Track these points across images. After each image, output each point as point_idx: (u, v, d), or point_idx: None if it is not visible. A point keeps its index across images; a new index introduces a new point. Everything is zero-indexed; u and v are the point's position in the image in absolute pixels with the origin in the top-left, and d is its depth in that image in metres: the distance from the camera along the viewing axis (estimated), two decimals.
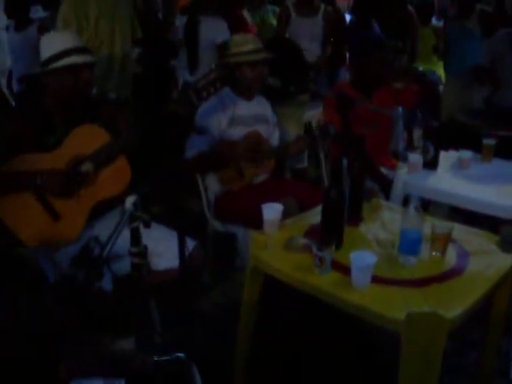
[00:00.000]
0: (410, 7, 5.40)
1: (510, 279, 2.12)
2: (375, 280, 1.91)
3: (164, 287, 2.26)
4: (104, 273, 1.80)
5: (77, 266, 1.74)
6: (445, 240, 2.09)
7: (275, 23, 5.13)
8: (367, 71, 3.42)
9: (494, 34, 4.41)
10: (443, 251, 2.10)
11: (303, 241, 2.16)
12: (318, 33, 4.73)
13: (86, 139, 2.39)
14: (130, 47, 3.96)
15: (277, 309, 2.83)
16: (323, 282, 1.97)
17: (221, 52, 3.97)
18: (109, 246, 1.80)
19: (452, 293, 1.90)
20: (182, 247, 1.97)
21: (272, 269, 2.13)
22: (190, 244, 2.38)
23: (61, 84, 2.39)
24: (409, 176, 3.05)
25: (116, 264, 1.95)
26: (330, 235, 2.11)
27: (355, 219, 2.36)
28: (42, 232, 2.34)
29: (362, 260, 1.90)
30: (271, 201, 2.34)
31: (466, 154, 3.15)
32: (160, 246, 2.30)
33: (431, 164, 3.11)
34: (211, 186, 3.14)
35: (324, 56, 4.77)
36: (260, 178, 3.18)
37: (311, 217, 2.43)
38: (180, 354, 1.69)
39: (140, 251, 1.88)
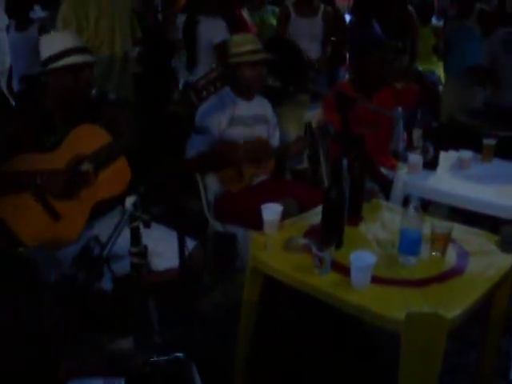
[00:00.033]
0: (410, 7, 5.40)
1: (510, 279, 2.12)
2: (375, 280, 1.91)
3: (164, 287, 2.26)
4: (104, 273, 1.81)
5: (77, 266, 1.74)
6: (444, 240, 2.09)
7: (275, 23, 5.12)
8: (367, 71, 3.42)
9: (494, 34, 4.41)
10: (443, 251, 2.10)
11: (303, 241, 2.16)
12: (318, 33, 4.72)
13: (86, 139, 2.39)
14: (130, 47, 3.96)
15: (277, 309, 2.83)
16: (323, 283, 1.96)
17: (219, 52, 3.96)
18: (109, 246, 1.80)
19: (452, 293, 1.90)
20: (182, 247, 1.98)
21: (272, 269, 2.13)
22: (190, 244, 2.38)
23: (61, 84, 2.39)
24: (409, 176, 3.05)
25: (116, 264, 1.95)
26: (330, 235, 2.11)
27: (355, 219, 2.36)
28: (42, 232, 2.35)
29: (362, 260, 1.90)
30: (271, 201, 2.34)
31: (466, 154, 3.15)
32: (160, 246, 2.30)
33: (431, 164, 3.11)
34: (211, 186, 3.14)
35: (324, 56, 4.77)
36: (260, 179, 3.18)
37: (311, 217, 2.43)
38: (179, 354, 1.69)
39: (140, 251, 1.88)
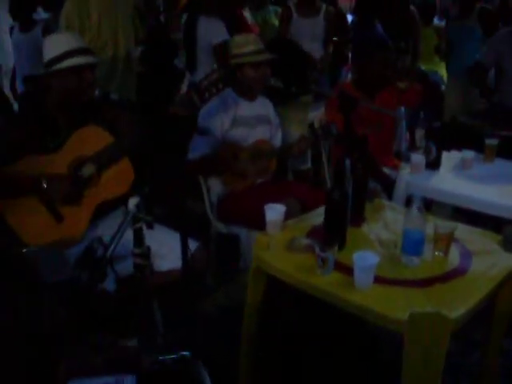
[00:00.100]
0: (413, 7, 5.40)
1: None
2: (378, 280, 1.91)
3: (167, 288, 2.26)
4: (107, 273, 1.81)
5: (80, 267, 1.74)
6: (447, 240, 2.09)
7: (277, 23, 5.13)
8: (370, 71, 3.42)
9: (496, 33, 4.41)
10: (446, 251, 2.10)
11: (306, 241, 2.16)
12: (320, 33, 4.72)
13: (89, 140, 2.40)
14: (133, 47, 3.96)
15: (280, 309, 2.83)
16: (325, 283, 1.96)
17: (219, 53, 3.95)
18: (112, 247, 1.81)
19: (455, 293, 1.89)
20: (185, 248, 1.98)
21: (275, 269, 2.13)
22: (193, 245, 2.39)
23: (64, 85, 2.39)
24: (411, 176, 3.05)
25: (119, 265, 1.95)
26: (333, 236, 2.11)
27: (358, 220, 2.36)
28: (46, 233, 2.35)
29: (365, 260, 1.90)
30: (273, 202, 2.34)
31: (469, 154, 3.15)
32: (163, 247, 2.30)
33: (434, 164, 3.11)
34: (214, 188, 3.14)
35: (326, 56, 4.77)
36: (262, 179, 3.19)
37: (314, 218, 2.43)
38: (185, 353, 1.69)
39: (143, 252, 1.89)
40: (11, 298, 1.17)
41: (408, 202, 2.11)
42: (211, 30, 4.07)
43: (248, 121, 3.12)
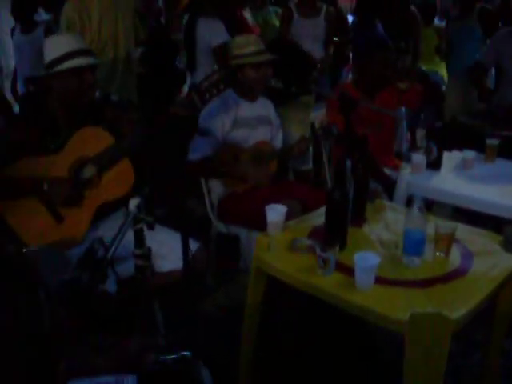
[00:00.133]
0: (413, 7, 5.40)
1: None
2: (379, 281, 1.91)
3: (168, 289, 2.26)
4: (108, 274, 1.81)
5: (81, 268, 1.74)
6: (448, 240, 2.09)
7: (278, 24, 5.13)
8: (370, 71, 3.42)
9: (497, 32, 4.41)
10: (447, 251, 2.10)
11: (307, 242, 2.16)
12: (320, 33, 4.72)
13: (90, 141, 2.40)
14: (133, 47, 3.96)
15: (280, 310, 2.83)
16: (326, 283, 1.96)
17: (219, 55, 3.95)
18: (113, 248, 1.80)
19: (456, 293, 1.89)
20: (186, 249, 1.98)
21: (275, 270, 2.13)
22: (194, 246, 2.39)
23: (65, 86, 2.40)
24: (412, 176, 3.05)
25: (120, 266, 1.95)
26: (334, 236, 2.11)
27: (359, 220, 2.36)
28: (46, 234, 2.35)
29: (366, 261, 1.90)
30: (274, 202, 2.34)
31: (470, 154, 3.15)
32: (164, 248, 2.30)
33: (434, 164, 3.11)
34: (215, 189, 3.14)
35: (326, 57, 4.77)
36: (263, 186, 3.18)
37: (314, 218, 2.43)
38: (186, 353, 1.69)
39: (144, 253, 1.89)
40: (11, 298, 1.17)
41: (409, 203, 2.11)
42: (211, 32, 4.06)
43: (249, 122, 3.12)
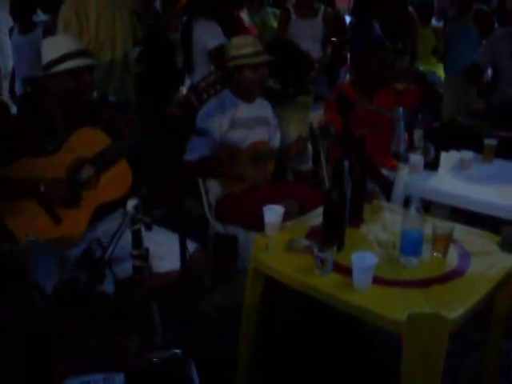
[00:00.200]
0: (411, 8, 5.40)
1: None
2: (376, 281, 1.91)
3: (165, 289, 2.26)
4: (106, 275, 1.81)
5: (79, 268, 1.74)
6: (446, 241, 2.09)
7: (276, 25, 5.13)
8: (368, 72, 3.42)
9: (493, 33, 4.42)
10: (444, 252, 2.10)
11: (304, 242, 2.16)
12: (318, 34, 4.72)
13: (87, 142, 2.40)
14: (131, 47, 3.95)
15: (278, 310, 2.83)
16: (324, 284, 1.97)
17: (216, 57, 3.94)
18: (111, 249, 1.80)
19: (454, 293, 1.90)
20: (184, 249, 1.98)
21: (273, 270, 2.13)
22: (191, 246, 2.39)
23: (63, 87, 2.39)
24: (410, 177, 3.05)
25: (118, 266, 1.95)
26: (332, 237, 2.11)
27: (356, 220, 2.37)
28: (44, 235, 2.34)
29: (363, 261, 1.90)
30: (271, 203, 2.34)
31: (467, 155, 3.15)
32: (161, 249, 2.30)
33: (432, 165, 3.11)
34: (212, 189, 3.14)
35: (324, 57, 4.77)
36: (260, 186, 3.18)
37: (312, 218, 2.43)
38: (177, 350, 1.68)
39: (141, 254, 1.88)
40: (6, 298, 1.17)
41: (406, 203, 2.11)
42: (207, 34, 4.06)
43: (246, 122, 3.12)
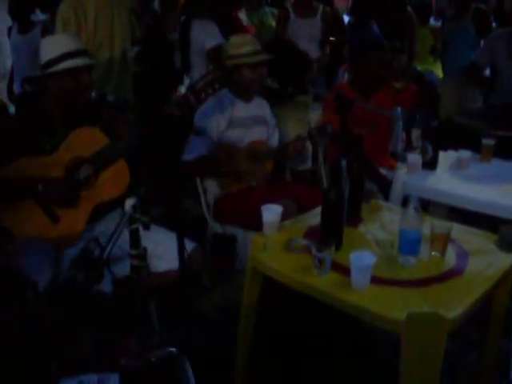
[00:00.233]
0: (409, 7, 5.41)
1: (510, 278, 2.12)
2: (375, 280, 1.91)
3: (163, 289, 2.26)
4: (104, 275, 1.80)
5: (76, 268, 1.74)
6: (444, 240, 2.09)
7: (274, 25, 5.13)
8: (366, 71, 3.42)
9: (492, 33, 4.42)
10: (443, 251, 2.10)
11: (303, 242, 2.16)
12: (317, 34, 4.73)
13: (86, 141, 2.40)
14: (129, 46, 3.94)
15: (276, 310, 2.83)
16: (322, 283, 1.96)
17: (214, 57, 3.94)
18: (109, 248, 1.80)
19: (452, 293, 1.90)
20: (182, 249, 1.97)
21: (271, 270, 2.13)
22: (190, 246, 2.38)
23: (61, 87, 2.39)
24: (408, 176, 3.05)
25: (116, 266, 1.94)
26: (330, 236, 2.11)
27: (354, 220, 2.36)
28: (43, 234, 2.34)
29: (362, 261, 1.90)
30: (270, 202, 2.34)
31: (465, 154, 3.15)
32: (159, 248, 2.30)
33: (430, 164, 3.11)
34: (210, 189, 3.14)
35: (323, 57, 4.77)
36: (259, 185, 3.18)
37: (310, 218, 2.43)
38: (171, 349, 1.68)
39: (139, 253, 1.88)
40: (1, 298, 1.17)
41: (404, 203, 2.11)
42: (205, 34, 4.06)
43: (244, 122, 3.11)
